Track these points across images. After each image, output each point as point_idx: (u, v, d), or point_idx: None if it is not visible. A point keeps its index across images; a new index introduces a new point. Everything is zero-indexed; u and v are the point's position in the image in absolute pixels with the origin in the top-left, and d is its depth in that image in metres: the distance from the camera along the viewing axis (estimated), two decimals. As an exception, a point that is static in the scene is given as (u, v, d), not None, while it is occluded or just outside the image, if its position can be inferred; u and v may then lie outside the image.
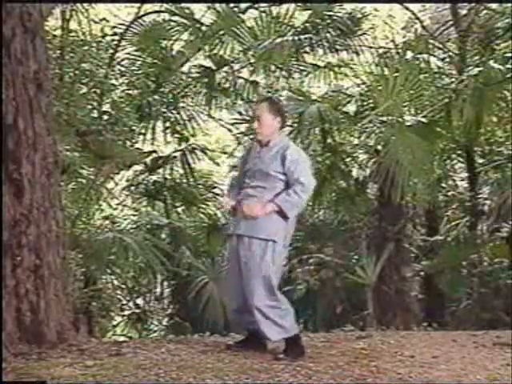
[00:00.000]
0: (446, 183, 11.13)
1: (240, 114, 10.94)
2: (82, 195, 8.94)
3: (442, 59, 10.06)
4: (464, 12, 10.49)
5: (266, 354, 4.33)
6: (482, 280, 9.34)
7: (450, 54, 10.15)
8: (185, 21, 9.88)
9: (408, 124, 8.64)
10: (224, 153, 12.35)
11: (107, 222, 9.86)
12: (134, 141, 9.70)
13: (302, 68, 10.02)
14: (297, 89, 9.97)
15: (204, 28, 9.77)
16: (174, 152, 11.07)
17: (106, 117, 8.83)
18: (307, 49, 9.61)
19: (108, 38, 9.39)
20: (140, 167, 11.00)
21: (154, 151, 10.94)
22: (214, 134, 13.20)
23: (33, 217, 4.56)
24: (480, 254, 9.54)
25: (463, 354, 4.66)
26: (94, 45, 8.91)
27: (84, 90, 8.60)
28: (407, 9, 11.10)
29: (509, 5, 9.35)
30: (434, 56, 9.77)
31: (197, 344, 4.80)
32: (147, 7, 10.26)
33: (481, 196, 10.25)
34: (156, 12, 10.20)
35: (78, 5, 8.74)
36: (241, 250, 4.38)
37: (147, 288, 11.13)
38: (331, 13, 9.60)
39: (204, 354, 4.36)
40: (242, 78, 10.43)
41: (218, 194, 11.57)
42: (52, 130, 4.88)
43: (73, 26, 8.86)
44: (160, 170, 11.11)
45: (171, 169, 11.06)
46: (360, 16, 9.83)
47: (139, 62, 10.14)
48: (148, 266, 9.45)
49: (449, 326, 9.02)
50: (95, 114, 8.72)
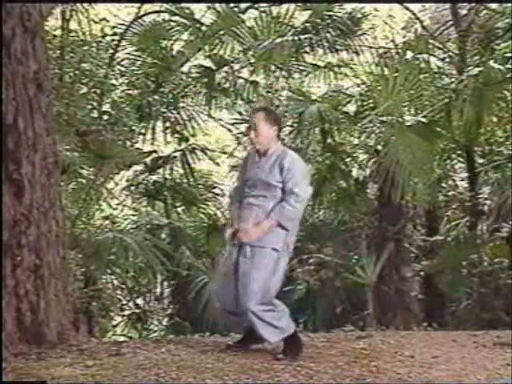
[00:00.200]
0: (446, 183, 11.13)
1: (240, 113, 10.94)
2: (82, 195, 8.94)
3: (442, 59, 10.06)
4: (464, 12, 10.51)
5: (266, 354, 4.34)
6: (482, 280, 9.34)
7: (450, 54, 10.15)
8: (185, 21, 9.88)
9: (408, 124, 8.64)
10: (224, 153, 12.35)
11: (107, 221, 9.85)
12: (134, 141, 9.70)
13: (302, 68, 10.01)
14: (297, 89, 9.98)
15: (204, 28, 9.77)
16: (173, 152, 11.07)
17: (106, 117, 8.83)
18: (307, 49, 9.61)
19: (108, 38, 9.39)
20: (140, 167, 10.99)
21: (154, 151, 10.94)
22: (213, 134, 13.20)
23: (33, 217, 4.56)
24: (480, 253, 9.54)
25: (463, 354, 4.66)
26: (94, 45, 8.91)
27: (84, 90, 8.60)
28: (407, 9, 11.10)
29: (509, 5, 9.36)
30: (434, 56, 9.77)
31: (197, 344, 4.80)
32: (147, 7, 10.25)
33: (481, 196, 10.25)
34: (156, 12, 10.20)
35: (78, 5, 8.73)
36: (241, 258, 4.39)
37: (147, 288, 11.13)
38: (331, 13, 9.60)
39: (204, 354, 4.36)
40: (242, 78, 10.43)
41: (218, 194, 11.57)
42: (52, 130, 4.88)
43: (73, 26, 8.86)
44: (160, 170, 11.10)
45: (171, 169, 11.06)
46: (360, 16, 9.82)
47: (139, 62, 10.14)
48: (148, 266, 9.45)
49: (449, 326, 9.02)
50: (95, 114, 8.71)
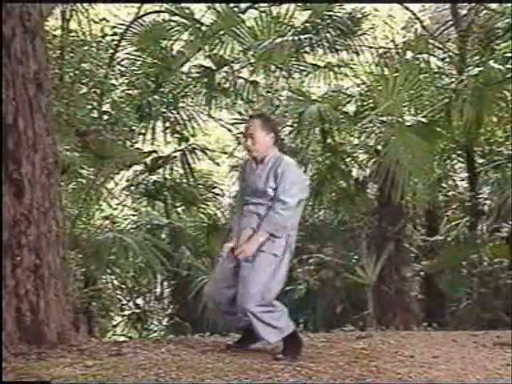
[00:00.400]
0: (446, 183, 11.13)
1: (240, 114, 10.94)
2: (82, 195, 8.94)
3: (442, 59, 10.06)
4: (464, 12, 10.51)
5: (266, 354, 4.33)
6: (482, 280, 9.34)
7: (450, 54, 10.15)
8: (185, 21, 9.88)
9: (408, 124, 8.64)
10: (224, 153, 12.36)
11: (107, 222, 9.85)
12: (133, 141, 9.70)
13: (302, 68, 10.01)
14: (297, 89, 9.98)
15: (204, 28, 9.77)
16: (173, 152, 11.07)
17: (106, 117, 8.82)
18: (307, 49, 9.61)
19: (108, 38, 9.39)
20: (140, 167, 11.00)
21: (154, 151, 10.94)
22: (213, 134, 13.21)
23: (33, 217, 4.56)
24: (480, 254, 9.54)
25: (463, 354, 4.65)
26: (94, 45, 8.91)
27: (84, 90, 8.60)
28: (407, 9, 11.10)
29: (509, 5, 9.36)
30: (434, 56, 9.77)
31: (197, 344, 4.80)
32: (147, 7, 10.26)
33: (481, 196, 10.25)
34: (156, 12, 10.20)
35: (78, 5, 8.73)
36: (242, 262, 4.39)
37: (147, 288, 11.13)
38: (331, 13, 9.59)
39: (204, 354, 4.36)
40: (242, 78, 10.43)
41: (218, 194, 11.58)
42: (52, 130, 4.88)
43: (73, 26, 8.86)
44: (160, 170, 11.11)
45: (171, 169, 11.06)
46: (360, 16, 9.83)
47: (139, 62, 10.14)
48: (148, 266, 9.45)
49: (449, 326, 9.02)
50: (95, 114, 8.71)
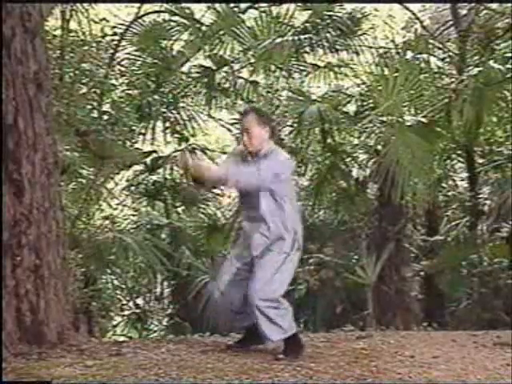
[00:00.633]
0: (446, 183, 11.13)
1: (240, 113, 10.93)
2: (82, 195, 8.93)
3: (442, 59, 10.05)
4: (464, 12, 10.50)
5: (266, 354, 4.33)
6: (482, 280, 9.34)
7: (450, 54, 10.14)
8: (185, 21, 9.88)
9: (408, 124, 8.64)
10: (224, 153, 12.32)
11: (107, 221, 9.84)
12: (133, 141, 9.70)
13: (302, 68, 10.01)
14: (297, 89, 9.98)
15: (204, 28, 9.77)
16: (173, 152, 11.06)
17: (106, 117, 8.81)
18: (307, 49, 9.61)
19: (108, 38, 9.38)
20: (140, 167, 10.99)
21: (154, 151, 10.94)
22: (213, 134, 13.21)
23: (33, 217, 4.56)
24: (480, 254, 9.54)
25: (463, 354, 4.65)
26: (93, 45, 8.90)
27: (84, 90, 8.59)
28: (407, 9, 11.10)
29: (509, 5, 9.36)
30: (434, 56, 9.76)
31: (197, 344, 4.80)
32: (147, 7, 10.25)
33: (481, 196, 10.25)
34: (156, 12, 10.20)
35: (78, 5, 8.73)
36: (255, 259, 4.42)
37: (147, 288, 11.13)
38: (331, 13, 9.59)
39: (204, 354, 4.36)
40: (242, 78, 10.43)
41: (217, 194, 11.57)
42: (52, 130, 4.88)
43: (73, 26, 8.86)
44: (160, 170, 11.11)
45: (171, 169, 11.06)
46: (360, 16, 9.83)
47: (139, 62, 10.14)
48: (148, 266, 9.45)
49: (449, 326, 9.03)
50: (95, 114, 8.70)
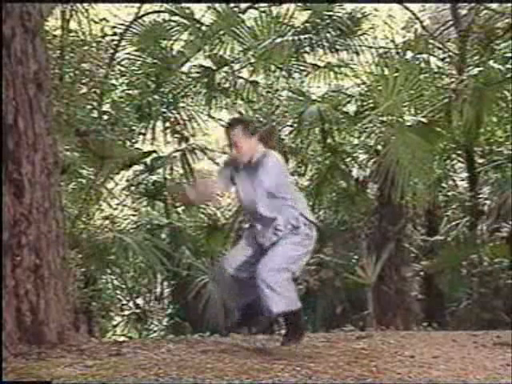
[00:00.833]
0: (446, 183, 11.13)
1: (240, 113, 10.94)
2: (82, 195, 8.94)
3: (442, 59, 10.07)
4: (464, 12, 10.51)
5: (266, 354, 4.33)
6: (481, 280, 9.34)
7: (450, 54, 10.15)
8: (185, 21, 9.89)
9: (408, 124, 8.65)
10: (224, 153, 12.33)
11: (107, 221, 9.85)
12: (133, 141, 9.71)
13: (302, 68, 10.02)
14: (297, 89, 9.98)
15: (204, 28, 9.78)
16: (173, 152, 11.07)
17: (106, 117, 8.83)
18: (307, 49, 9.62)
19: (108, 38, 9.40)
20: (140, 167, 11.00)
21: (154, 151, 10.95)
22: (213, 134, 13.20)
23: (33, 217, 4.55)
24: (480, 254, 9.54)
25: (463, 354, 4.64)
26: (94, 45, 8.91)
27: (84, 90, 8.60)
28: (407, 9, 11.11)
29: (509, 5, 9.37)
30: (434, 56, 9.78)
31: (197, 344, 4.80)
32: (147, 7, 10.27)
33: (481, 196, 10.25)
34: (156, 12, 10.21)
35: (78, 5, 8.75)
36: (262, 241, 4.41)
37: (147, 288, 11.14)
38: (331, 13, 9.60)
39: (204, 354, 4.35)
40: (241, 78, 10.44)
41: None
42: (52, 130, 4.87)
43: (73, 26, 8.87)
44: (160, 170, 11.11)
45: (171, 169, 11.06)
46: (360, 16, 9.84)
47: (139, 62, 10.15)
48: (148, 266, 9.46)
49: (449, 326, 9.03)
50: (95, 114, 8.71)
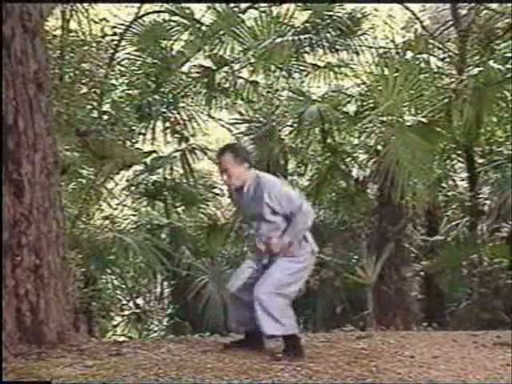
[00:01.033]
0: (446, 183, 11.13)
1: (240, 113, 10.95)
2: (82, 195, 8.95)
3: (442, 59, 10.07)
4: (464, 12, 10.51)
5: (266, 354, 4.32)
6: (482, 280, 9.34)
7: (450, 53, 10.15)
8: (185, 21, 9.90)
9: (408, 124, 8.64)
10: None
11: (107, 221, 9.86)
12: (133, 141, 9.71)
13: (302, 68, 10.03)
14: (297, 89, 9.99)
15: (204, 28, 9.79)
16: (173, 152, 11.07)
17: (106, 117, 8.83)
18: (307, 49, 9.62)
19: (108, 38, 9.41)
20: (140, 167, 11.00)
21: (154, 151, 10.95)
22: (213, 134, 13.21)
23: (33, 217, 4.56)
24: (480, 253, 9.54)
25: (463, 354, 4.65)
26: (94, 45, 8.92)
27: (84, 90, 8.60)
28: (407, 9, 11.11)
29: (509, 5, 9.37)
30: (434, 56, 9.78)
31: (197, 344, 4.80)
32: (147, 7, 10.27)
33: (481, 196, 10.25)
34: (156, 12, 10.22)
35: (78, 5, 8.75)
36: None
37: (147, 288, 11.15)
38: (331, 13, 9.61)
39: (204, 354, 4.35)
40: (241, 78, 10.44)
41: (217, 194, 11.58)
42: (52, 130, 4.87)
43: (73, 26, 8.88)
44: (160, 170, 11.11)
45: (171, 169, 11.07)
46: (360, 16, 9.85)
47: (139, 62, 10.16)
48: (148, 266, 9.46)
49: (449, 326, 9.02)
50: (95, 114, 8.71)
